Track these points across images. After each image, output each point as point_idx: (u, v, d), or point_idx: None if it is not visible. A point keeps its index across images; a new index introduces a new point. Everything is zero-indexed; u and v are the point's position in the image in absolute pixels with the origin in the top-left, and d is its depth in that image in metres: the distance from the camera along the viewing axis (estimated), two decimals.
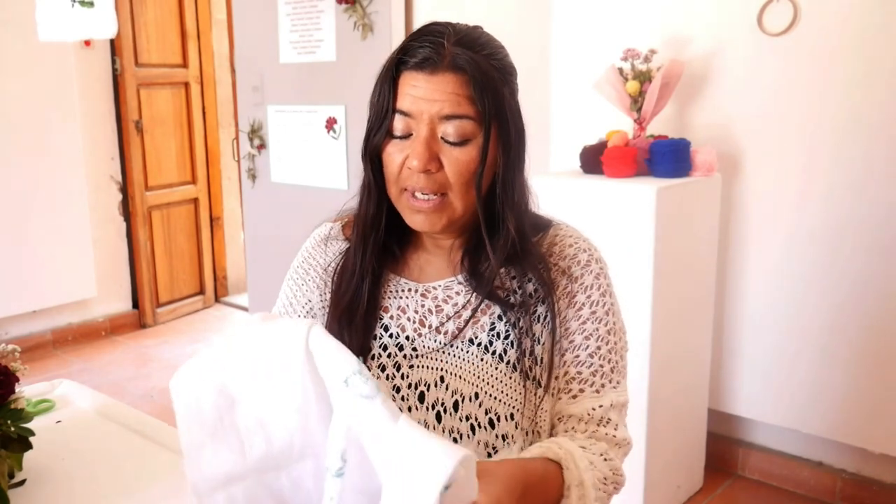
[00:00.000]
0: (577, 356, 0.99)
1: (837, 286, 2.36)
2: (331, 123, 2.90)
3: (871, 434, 2.36)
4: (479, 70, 0.89)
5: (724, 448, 2.68)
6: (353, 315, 1.01)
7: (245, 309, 4.12)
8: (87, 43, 3.96)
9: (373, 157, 0.96)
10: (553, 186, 2.34)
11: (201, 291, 4.72)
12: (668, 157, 2.25)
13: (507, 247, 0.96)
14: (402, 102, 0.91)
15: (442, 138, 0.91)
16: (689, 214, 2.30)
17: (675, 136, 2.51)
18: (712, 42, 2.47)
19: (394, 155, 0.93)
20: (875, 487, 2.41)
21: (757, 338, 2.55)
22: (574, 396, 0.99)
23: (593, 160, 2.37)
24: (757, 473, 2.63)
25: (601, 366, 0.99)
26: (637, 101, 2.38)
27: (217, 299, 4.84)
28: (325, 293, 1.07)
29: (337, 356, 0.73)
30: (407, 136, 0.92)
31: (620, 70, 2.41)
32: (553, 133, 2.93)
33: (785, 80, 2.36)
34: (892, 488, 2.39)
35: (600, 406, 0.98)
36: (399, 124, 0.92)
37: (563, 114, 2.89)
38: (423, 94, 0.90)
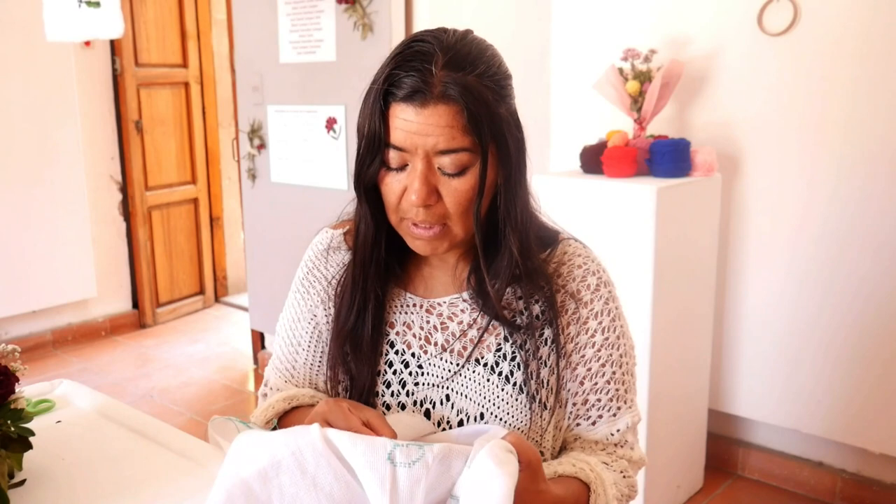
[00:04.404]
0: (596, 383, 0.99)
1: (838, 286, 2.36)
2: (331, 123, 2.90)
3: (871, 434, 2.36)
4: (473, 98, 0.84)
5: (724, 448, 2.69)
6: (359, 342, 1.00)
7: (245, 309, 4.12)
8: (88, 43, 3.95)
9: (367, 186, 0.93)
10: (553, 186, 2.34)
11: (201, 291, 4.72)
12: (668, 157, 2.25)
13: (510, 268, 0.94)
14: (395, 137, 0.87)
15: (439, 169, 0.88)
16: (689, 214, 2.30)
17: (675, 136, 2.51)
18: (712, 42, 2.48)
19: (392, 185, 0.90)
20: (875, 487, 2.41)
21: (757, 338, 2.55)
22: (594, 423, 1.01)
23: (593, 160, 2.37)
24: (757, 473, 2.63)
25: (617, 389, 1.00)
26: (637, 101, 2.38)
27: (217, 299, 4.84)
28: (329, 307, 1.06)
29: (366, 441, 0.76)
30: (403, 167, 0.89)
31: (620, 70, 2.41)
32: (553, 133, 2.93)
33: (785, 80, 2.36)
34: (892, 488, 2.39)
35: (618, 430, 1.00)
36: (394, 157, 0.88)
37: (563, 114, 2.89)
38: (416, 128, 0.85)
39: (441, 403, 0.98)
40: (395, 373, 1.00)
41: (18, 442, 1.04)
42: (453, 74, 0.85)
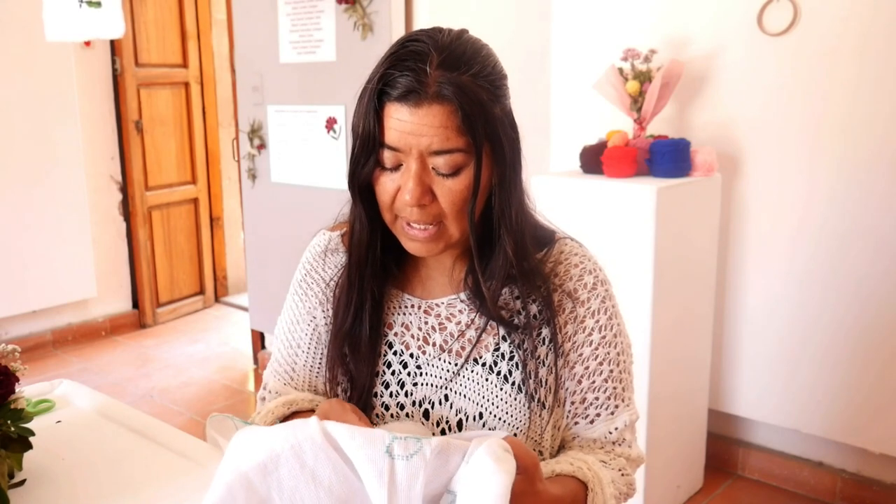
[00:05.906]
0: (593, 382, 0.99)
1: (838, 286, 2.36)
2: (331, 123, 2.90)
3: (871, 434, 2.36)
4: (467, 98, 0.84)
5: (724, 448, 2.69)
6: (358, 343, 1.00)
7: (245, 309, 4.12)
8: (88, 43, 3.96)
9: (362, 186, 0.93)
10: (553, 186, 2.34)
11: (201, 291, 4.72)
12: (668, 157, 2.25)
13: (506, 268, 0.94)
14: (389, 137, 0.87)
15: (433, 169, 0.87)
16: (689, 214, 2.30)
17: (675, 136, 2.51)
18: (712, 42, 2.48)
19: (386, 185, 0.90)
20: (875, 487, 2.41)
21: (757, 338, 2.55)
22: (591, 422, 1.01)
23: (593, 160, 2.37)
24: (757, 473, 2.63)
25: (615, 388, 1.00)
26: (637, 101, 2.38)
27: (217, 299, 4.84)
28: (327, 309, 1.06)
29: (365, 434, 0.76)
30: (397, 167, 0.89)
31: (620, 70, 2.41)
32: (553, 133, 2.93)
33: (785, 80, 2.36)
34: (892, 488, 2.39)
35: (616, 429, 1.01)
36: (388, 157, 0.88)
37: (563, 114, 2.89)
38: (410, 128, 0.85)
39: (440, 403, 0.98)
40: (393, 373, 1.00)
41: (18, 442, 1.04)
42: (448, 74, 0.84)
